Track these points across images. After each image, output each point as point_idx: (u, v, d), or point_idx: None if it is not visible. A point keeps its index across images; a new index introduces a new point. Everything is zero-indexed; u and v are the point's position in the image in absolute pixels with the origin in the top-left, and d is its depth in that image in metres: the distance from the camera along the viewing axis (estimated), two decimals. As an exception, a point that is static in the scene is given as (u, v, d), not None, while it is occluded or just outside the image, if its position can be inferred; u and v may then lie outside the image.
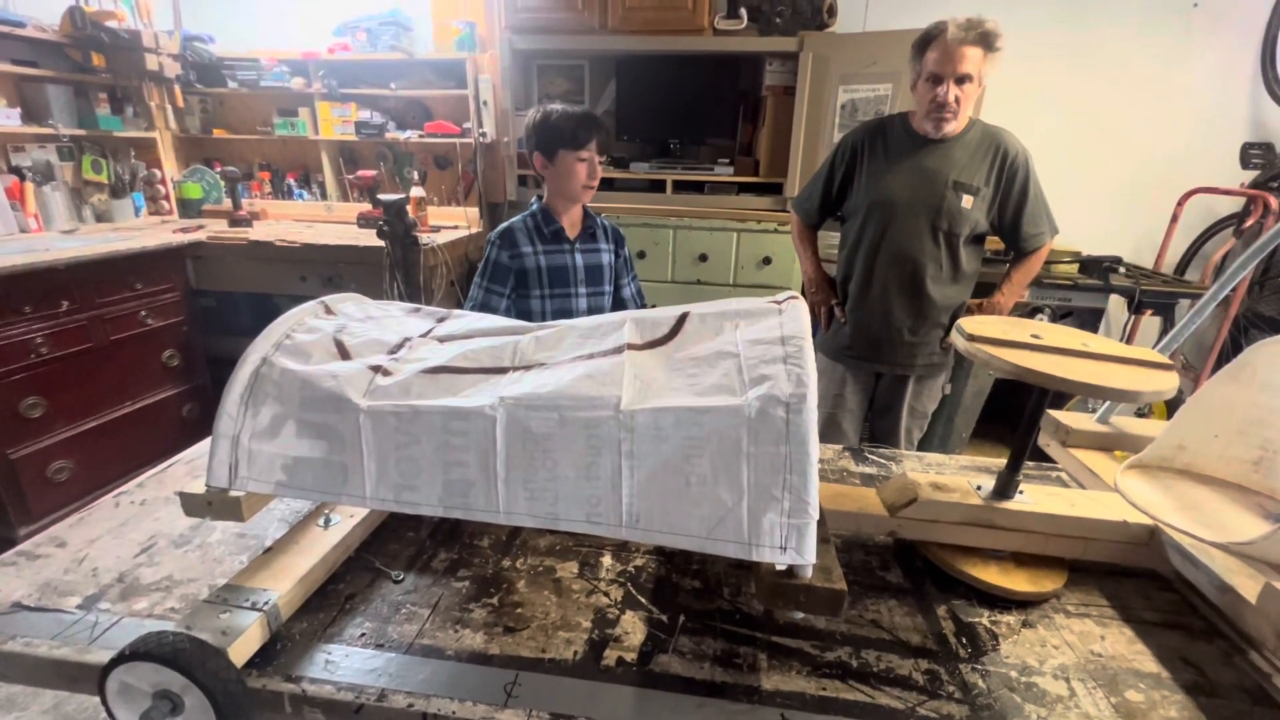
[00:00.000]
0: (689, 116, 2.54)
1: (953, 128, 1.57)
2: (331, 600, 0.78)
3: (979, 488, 0.88)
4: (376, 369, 0.80)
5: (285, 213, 2.91)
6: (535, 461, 0.73)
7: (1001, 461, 0.90)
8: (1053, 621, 0.79)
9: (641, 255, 2.45)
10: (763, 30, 2.27)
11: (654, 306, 0.98)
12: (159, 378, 2.32)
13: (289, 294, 2.36)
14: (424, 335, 0.96)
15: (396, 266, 2.06)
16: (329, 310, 0.94)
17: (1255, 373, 0.90)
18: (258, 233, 2.49)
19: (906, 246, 1.63)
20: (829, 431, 1.85)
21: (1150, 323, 2.52)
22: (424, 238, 2.26)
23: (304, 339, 0.84)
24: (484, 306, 1.53)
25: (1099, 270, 2.04)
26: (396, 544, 0.89)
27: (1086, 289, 2.02)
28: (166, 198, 2.86)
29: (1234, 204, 2.47)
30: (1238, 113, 2.43)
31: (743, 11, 2.24)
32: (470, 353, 0.84)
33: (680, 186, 2.53)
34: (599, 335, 0.85)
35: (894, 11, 2.51)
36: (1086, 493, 0.90)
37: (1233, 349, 2.59)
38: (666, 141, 2.65)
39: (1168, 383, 0.71)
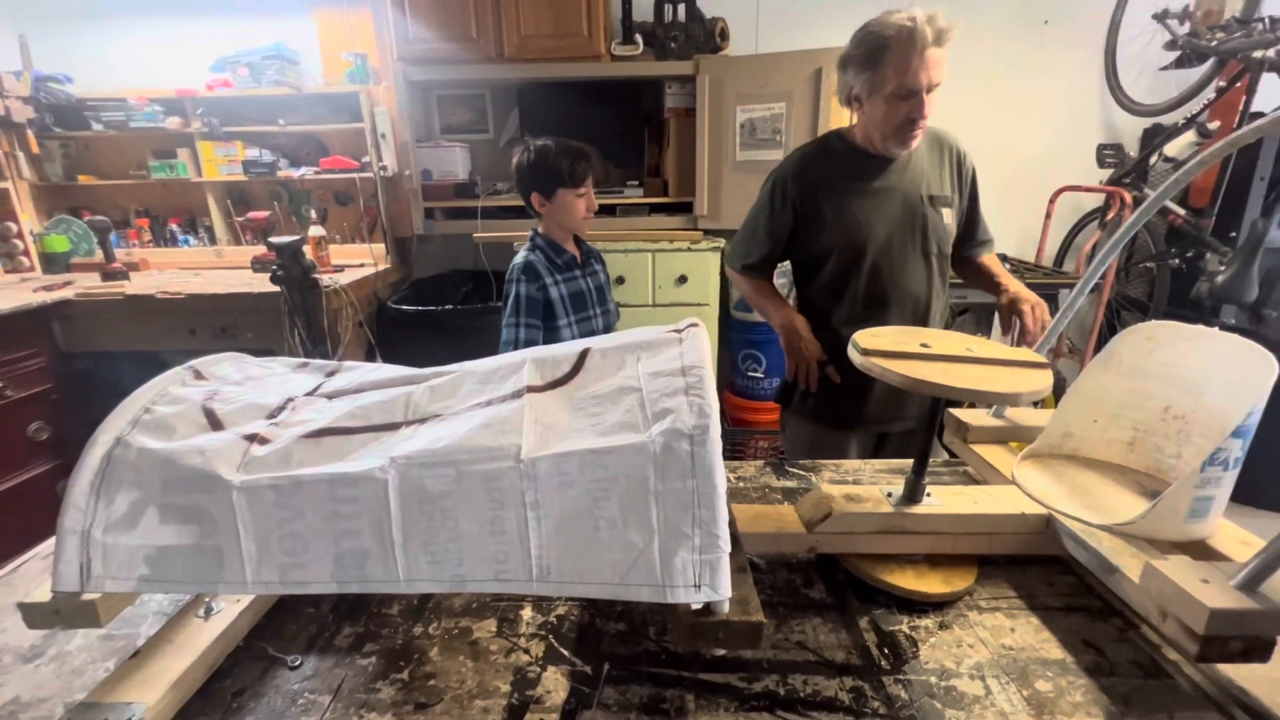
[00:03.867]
0: (595, 141, 2.50)
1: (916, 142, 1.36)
2: (215, 701, 0.70)
3: (889, 494, 0.90)
4: (252, 438, 0.73)
5: (170, 261, 2.69)
6: (435, 523, 0.68)
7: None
8: (967, 619, 0.81)
9: (558, 282, 2.43)
10: (659, 55, 2.32)
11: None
12: (24, 454, 2.07)
13: (179, 349, 2.18)
14: (311, 393, 0.89)
15: (296, 312, 1.94)
16: (199, 375, 0.86)
17: (1122, 360, 0.98)
18: (136, 285, 2.28)
19: (905, 283, 1.40)
20: None
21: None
22: (325, 279, 2.14)
23: (166, 411, 0.76)
24: (527, 344, 1.50)
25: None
26: (294, 624, 0.82)
27: (959, 285, 2.15)
28: (26, 253, 2.58)
29: (1097, 199, 2.72)
30: (1091, 117, 2.70)
31: (638, 37, 2.28)
32: (359, 410, 0.78)
33: (591, 210, 2.53)
34: (497, 379, 0.81)
35: (783, 33, 2.63)
36: (988, 488, 0.94)
37: (1108, 330, 2.83)
38: (574, 167, 2.65)
39: (1043, 382, 0.75)
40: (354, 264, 2.56)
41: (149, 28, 2.63)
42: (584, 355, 0.81)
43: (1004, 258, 2.37)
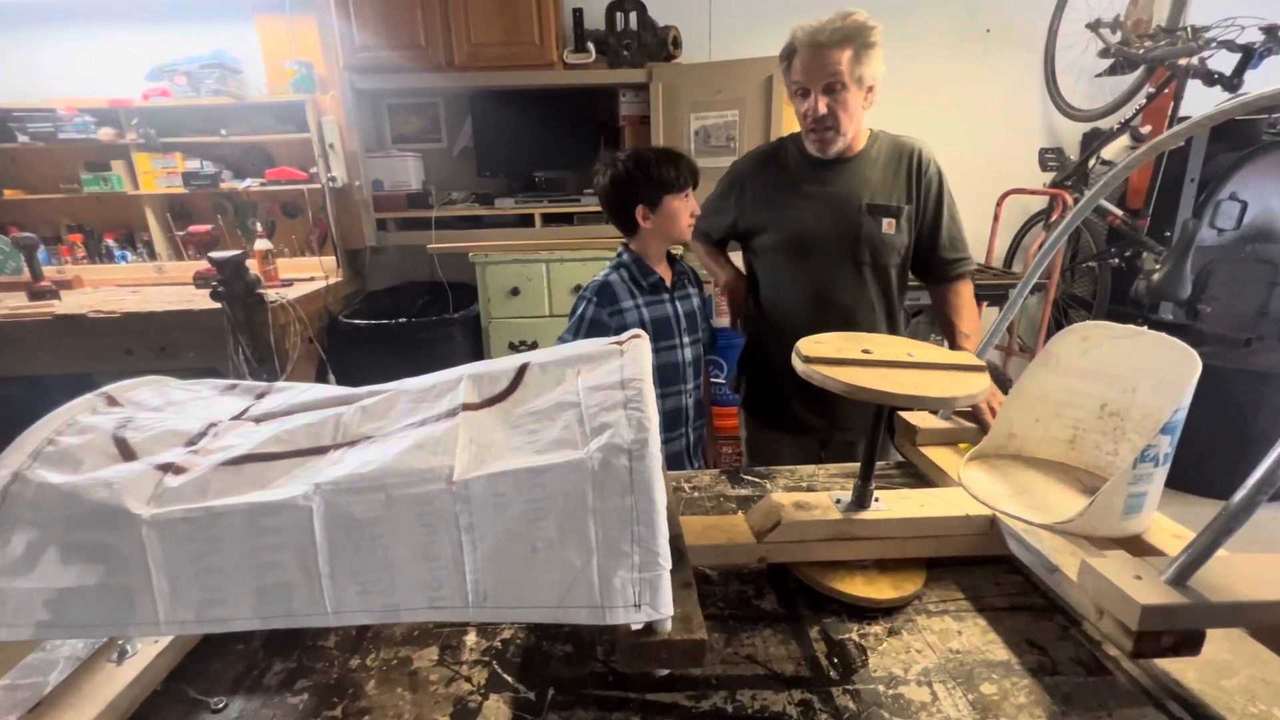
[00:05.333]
0: (551, 149, 2.54)
1: (843, 144, 1.34)
2: (127, 752, 0.65)
3: (838, 501, 0.90)
4: (166, 468, 0.69)
5: (106, 278, 2.57)
6: (364, 551, 0.65)
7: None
8: (915, 624, 0.81)
9: (515, 292, 2.39)
10: (612, 63, 2.32)
11: (535, 345, 0.92)
12: (-54, 487, 1.94)
13: (115, 371, 2.07)
14: (238, 416, 0.85)
15: (239, 329, 1.87)
16: (113, 402, 0.81)
17: (1059, 359, 1.00)
18: (67, 304, 2.17)
19: (830, 289, 1.39)
20: None
21: (990, 312, 2.79)
22: (272, 294, 2.07)
23: (72, 442, 0.71)
24: None
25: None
26: (221, 662, 0.77)
27: (916, 287, 2.20)
28: (-52, 273, 2.44)
29: (1043, 201, 2.81)
30: (1034, 122, 2.80)
31: (590, 45, 2.27)
32: (284, 434, 0.74)
33: (549, 219, 2.51)
34: (433, 398, 0.78)
35: (736, 39, 2.65)
36: (935, 491, 0.95)
37: (1056, 327, 2.93)
38: (531, 175, 2.63)
39: (980, 385, 0.75)
40: (303, 278, 2.48)
41: (78, 35, 2.52)
42: (522, 370, 0.79)
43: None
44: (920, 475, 1.14)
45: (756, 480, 1.20)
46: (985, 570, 0.91)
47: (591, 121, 2.54)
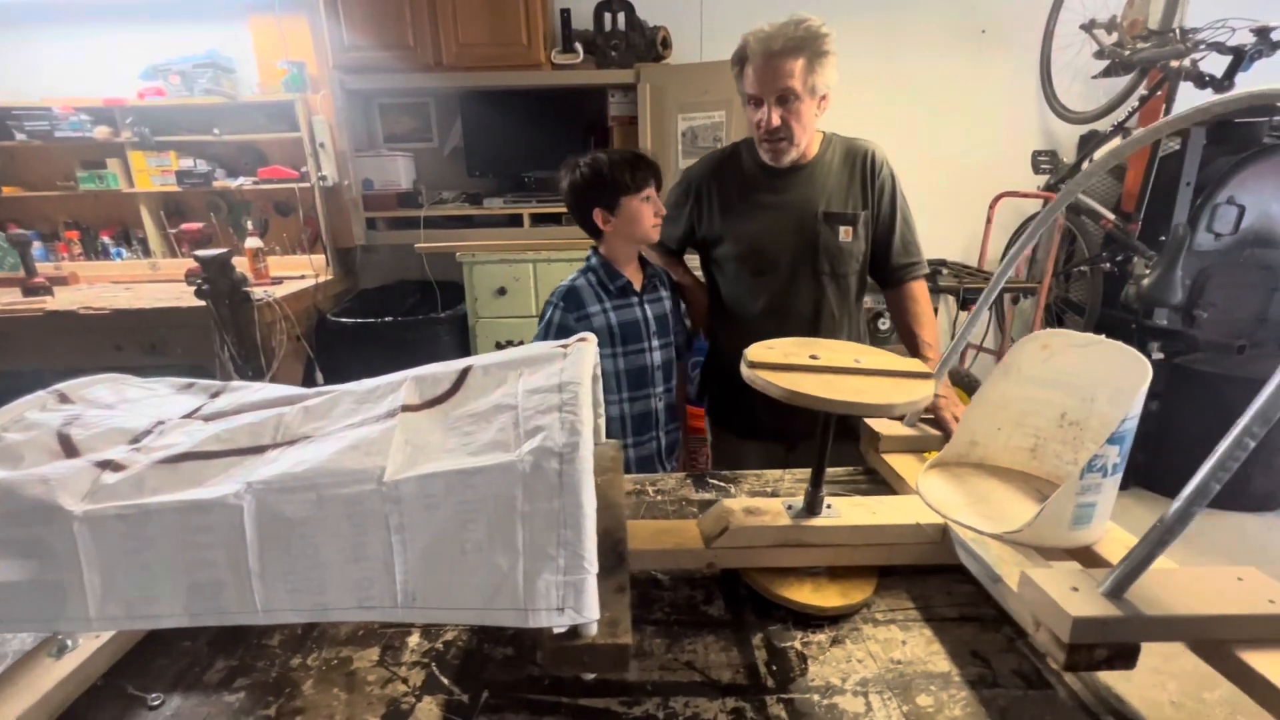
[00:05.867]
0: (540, 149, 2.54)
1: (797, 154, 1.33)
2: (57, 748, 0.66)
3: (789, 507, 0.89)
4: (105, 465, 0.69)
5: (102, 274, 2.60)
6: (294, 550, 0.65)
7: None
8: (861, 633, 0.80)
9: (502, 292, 2.39)
10: (600, 64, 2.32)
11: (521, 344, 0.92)
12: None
13: (105, 366, 2.08)
14: (190, 415, 0.86)
15: (225, 327, 1.89)
16: (64, 399, 0.82)
17: (1020, 368, 0.98)
18: (60, 300, 2.20)
19: (790, 299, 1.38)
20: None
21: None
22: (259, 291, 2.08)
23: (15, 439, 0.72)
24: None
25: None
26: (165, 659, 0.78)
27: None
28: (-53, 268, 2.48)
29: (1038, 204, 2.78)
30: (1029, 124, 2.77)
31: (578, 46, 2.27)
32: (225, 433, 0.75)
33: (538, 220, 2.51)
34: (375, 399, 0.79)
35: (728, 39, 2.62)
36: (890, 499, 0.94)
37: (1053, 332, 2.90)
38: (520, 175, 2.64)
39: (921, 392, 0.74)
40: (294, 276, 2.50)
41: (76, 34, 2.55)
42: (465, 373, 0.79)
43: (942, 264, 2.41)
44: (885, 482, 1.13)
45: (721, 485, 1.19)
46: (939, 579, 0.90)
47: (581, 122, 2.54)
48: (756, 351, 0.84)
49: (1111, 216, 2.31)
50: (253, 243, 2.38)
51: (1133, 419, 0.76)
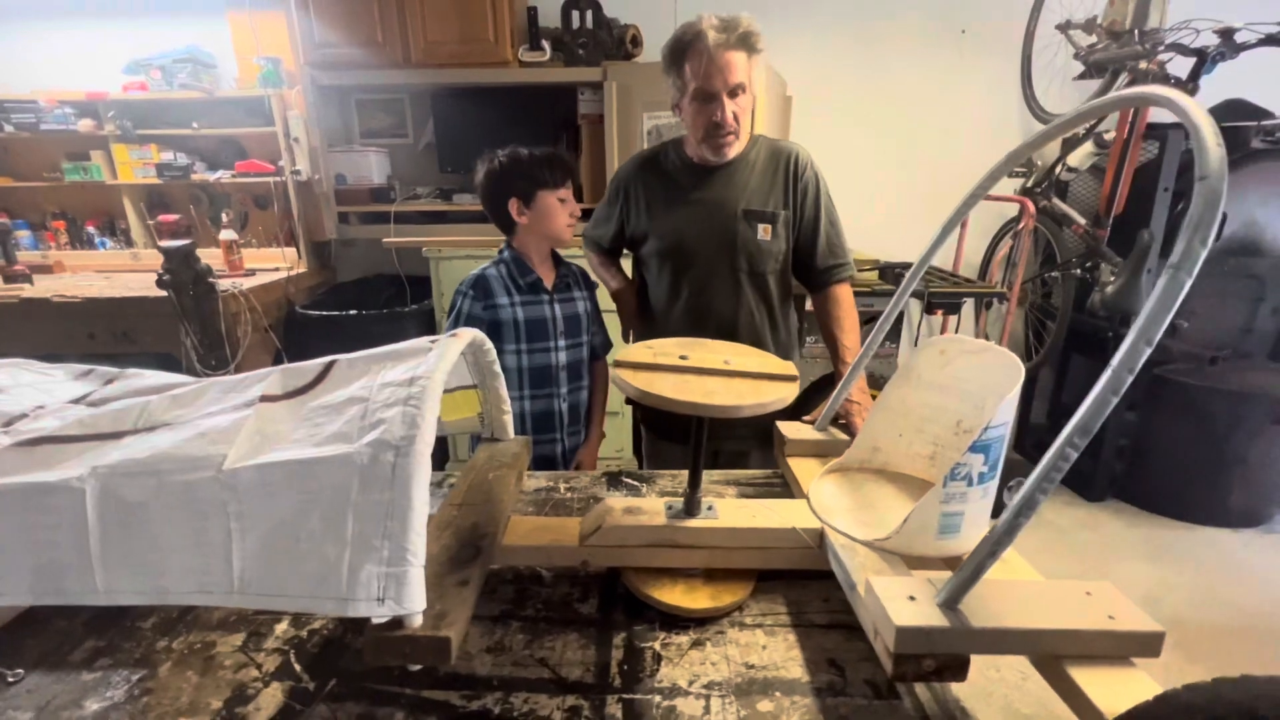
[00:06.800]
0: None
1: (737, 149, 1.33)
2: (-96, 721, 0.67)
3: (669, 507, 0.88)
4: (-36, 448, 0.71)
5: (85, 264, 2.66)
6: (134, 533, 0.67)
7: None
8: (725, 636, 0.80)
9: (472, 288, 2.40)
10: (568, 61, 2.32)
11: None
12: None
13: (78, 354, 2.15)
14: (77, 400, 0.88)
15: (189, 317, 1.92)
16: (-49, 383, 0.84)
17: (920, 374, 0.97)
18: (39, 288, 2.25)
19: (710, 297, 1.38)
20: None
21: (950, 321, 2.72)
22: (227, 283, 2.12)
23: (-114, 420, 0.74)
24: None
25: (893, 276, 2.19)
26: (35, 637, 0.80)
27: (883, 294, 2.16)
28: (-61, 255, 2.55)
29: (1015, 208, 2.74)
30: (1007, 126, 2.72)
31: (545, 44, 2.28)
32: (89, 418, 0.76)
33: (508, 217, 2.51)
34: (241, 389, 0.80)
35: (707, 41, 2.62)
36: (778, 502, 0.93)
37: (1035, 339, 2.85)
38: (494, 172, 2.64)
39: (775, 395, 0.74)
40: (268, 268, 2.53)
41: (64, 29, 2.62)
42: (330, 366, 0.80)
43: (907, 267, 2.36)
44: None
45: (634, 484, 1.19)
46: (820, 586, 0.89)
47: (551, 120, 2.54)
48: (630, 351, 0.84)
49: (1082, 221, 2.27)
50: (227, 235, 2.42)
51: (998, 427, 0.75)
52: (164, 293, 2.02)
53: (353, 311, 2.27)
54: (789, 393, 0.75)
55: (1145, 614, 0.64)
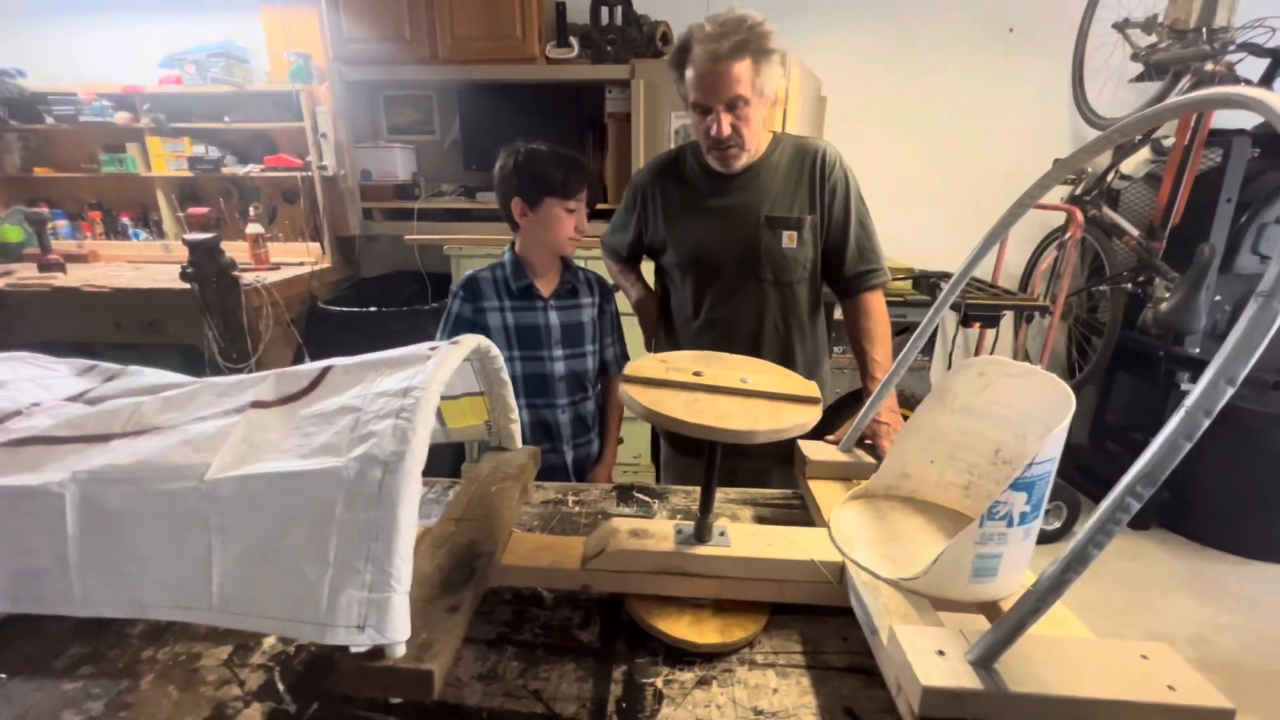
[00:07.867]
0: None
1: (748, 159, 1.25)
2: (-120, 726, 0.66)
3: (679, 531, 0.83)
4: (-49, 446, 0.69)
5: (119, 254, 2.72)
6: (112, 543, 0.64)
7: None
8: (733, 675, 0.74)
9: (493, 287, 2.37)
10: (596, 58, 2.27)
11: None
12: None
13: (106, 342, 2.18)
14: (75, 398, 0.86)
15: (211, 310, 1.93)
16: (-50, 377, 0.83)
17: (956, 397, 0.89)
18: (71, 278, 2.30)
19: (735, 309, 1.31)
20: None
21: (987, 334, 2.60)
22: (251, 277, 2.13)
23: (-121, 414, 0.72)
24: None
25: (928, 286, 2.09)
26: (22, 640, 0.78)
27: (917, 304, 2.07)
28: (-18, 242, 2.63)
29: (1062, 216, 2.60)
30: (1056, 130, 2.58)
31: (573, 40, 2.24)
32: (78, 418, 0.74)
33: (531, 215, 2.48)
34: (234, 393, 0.77)
35: (741, 39, 2.55)
36: (796, 530, 0.87)
37: (1080, 357, 2.71)
38: (518, 170, 2.61)
39: (797, 419, 0.68)
40: (293, 262, 2.55)
41: (104, 23, 2.68)
42: (325, 371, 0.76)
43: (945, 277, 2.26)
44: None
45: (645, 499, 1.14)
46: (837, 623, 0.82)
47: (578, 117, 2.50)
48: (640, 365, 0.78)
49: (1135, 233, 2.13)
50: (253, 228, 2.44)
51: (1044, 463, 0.67)
52: (189, 285, 2.03)
53: (374, 308, 2.27)
54: (810, 417, 0.69)
55: (1210, 685, 0.56)
